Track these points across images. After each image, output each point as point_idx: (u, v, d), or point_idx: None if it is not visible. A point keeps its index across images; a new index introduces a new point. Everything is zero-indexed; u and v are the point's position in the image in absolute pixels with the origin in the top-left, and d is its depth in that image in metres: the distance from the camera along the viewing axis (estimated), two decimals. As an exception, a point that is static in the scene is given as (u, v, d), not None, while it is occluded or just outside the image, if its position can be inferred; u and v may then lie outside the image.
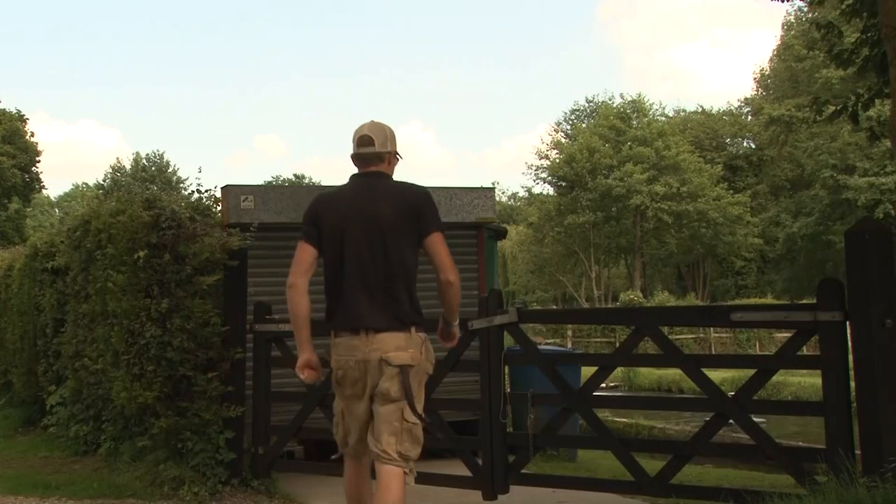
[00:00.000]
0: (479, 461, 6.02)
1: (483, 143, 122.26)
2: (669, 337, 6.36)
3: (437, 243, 3.80)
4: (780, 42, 54.04)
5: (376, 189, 3.85)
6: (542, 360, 6.01)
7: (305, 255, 3.92)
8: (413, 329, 3.83)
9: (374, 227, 3.78)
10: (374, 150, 3.90)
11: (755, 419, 5.57)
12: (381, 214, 3.78)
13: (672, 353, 5.90)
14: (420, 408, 3.87)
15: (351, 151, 4.00)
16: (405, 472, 3.79)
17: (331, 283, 3.93)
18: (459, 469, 6.20)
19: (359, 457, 3.99)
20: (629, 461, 5.66)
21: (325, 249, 3.90)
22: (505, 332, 6.17)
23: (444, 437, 6.03)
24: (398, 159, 4.03)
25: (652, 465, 6.18)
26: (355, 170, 4.02)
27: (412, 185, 3.95)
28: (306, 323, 3.94)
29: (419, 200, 3.82)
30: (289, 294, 3.90)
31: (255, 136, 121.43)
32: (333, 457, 4.15)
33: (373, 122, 4.02)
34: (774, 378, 7.20)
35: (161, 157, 64.96)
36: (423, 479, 6.34)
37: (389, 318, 3.77)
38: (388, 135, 3.96)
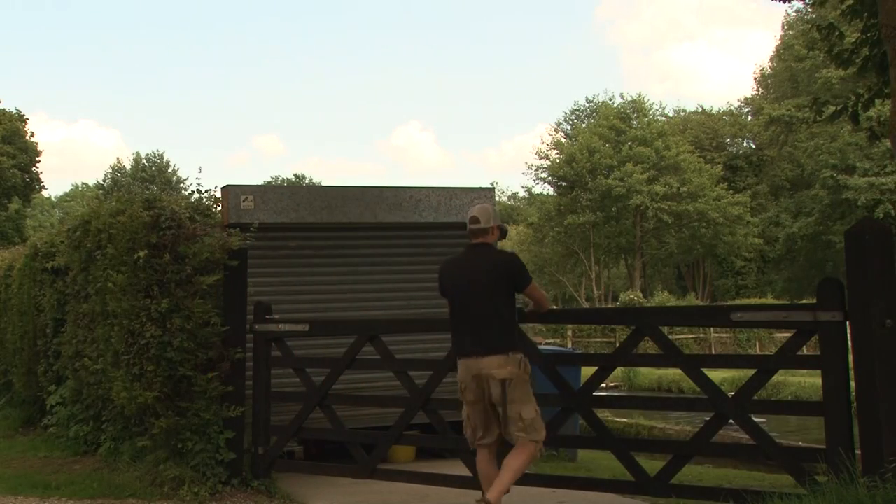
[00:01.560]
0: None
1: (481, 144, 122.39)
2: (669, 337, 6.38)
3: (532, 291, 5.50)
4: (779, 42, 54.04)
5: (479, 258, 5.37)
6: (542, 361, 6.01)
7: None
8: (509, 353, 5.21)
9: (476, 285, 5.30)
10: (480, 227, 5.40)
11: (755, 419, 5.58)
12: (481, 276, 5.30)
13: (672, 353, 5.90)
14: (531, 407, 5.22)
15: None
16: (534, 447, 5.17)
17: (452, 323, 5.43)
18: (460, 469, 6.21)
19: (487, 445, 5.31)
20: (629, 461, 5.67)
21: (448, 300, 5.45)
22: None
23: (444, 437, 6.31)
24: (501, 230, 5.53)
25: (652, 465, 6.17)
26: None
27: (504, 253, 5.53)
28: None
29: (510, 266, 5.35)
30: None
31: (254, 136, 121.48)
32: (472, 448, 5.44)
33: (481, 205, 5.57)
34: (774, 378, 7.24)
35: (161, 157, 65.01)
36: (424, 479, 6.38)
37: (489, 346, 5.20)
38: (491, 213, 5.47)
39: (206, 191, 7.32)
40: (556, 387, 5.96)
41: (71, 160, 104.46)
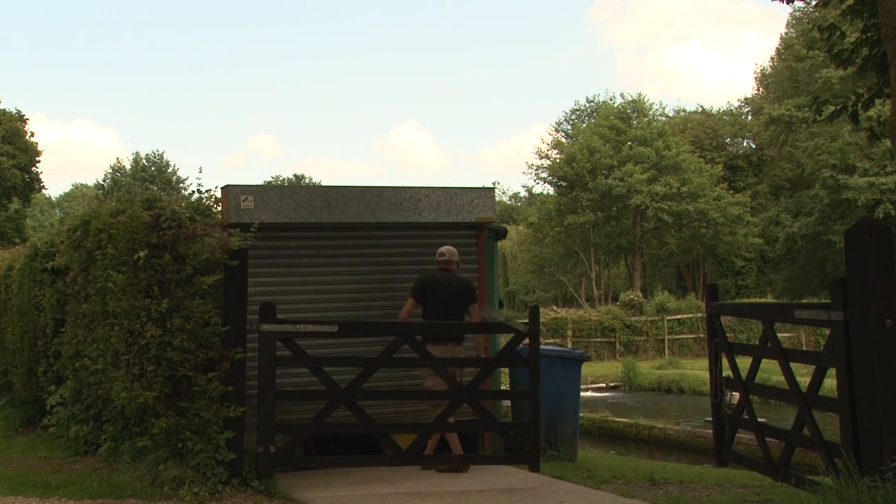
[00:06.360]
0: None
1: (478, 144, 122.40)
2: (671, 337, 6.86)
3: None
4: (782, 41, 53.97)
5: None
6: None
7: None
8: None
9: None
10: None
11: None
12: None
13: (776, 346, 6.53)
14: None
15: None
16: None
17: None
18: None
19: None
20: (764, 444, 6.65)
21: None
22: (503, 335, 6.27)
23: None
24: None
25: (651, 465, 6.17)
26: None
27: None
28: None
29: None
30: None
31: (250, 136, 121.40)
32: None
33: None
34: (778, 378, 7.62)
35: (161, 157, 64.96)
36: (469, 460, 6.42)
37: None
38: None
39: (207, 191, 7.34)
40: (734, 374, 7.06)
41: (68, 160, 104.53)
